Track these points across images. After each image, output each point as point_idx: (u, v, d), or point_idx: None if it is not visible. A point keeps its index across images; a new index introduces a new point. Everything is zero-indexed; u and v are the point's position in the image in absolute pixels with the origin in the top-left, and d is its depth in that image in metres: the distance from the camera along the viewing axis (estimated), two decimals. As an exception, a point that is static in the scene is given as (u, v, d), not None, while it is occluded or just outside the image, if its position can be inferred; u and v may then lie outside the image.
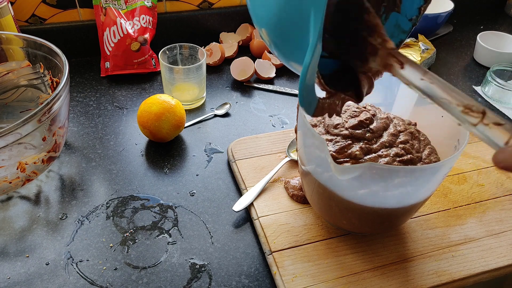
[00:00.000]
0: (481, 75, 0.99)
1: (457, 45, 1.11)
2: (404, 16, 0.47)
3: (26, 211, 0.62)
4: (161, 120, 0.69)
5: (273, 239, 0.58)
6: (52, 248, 0.57)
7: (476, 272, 0.55)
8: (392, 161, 0.53)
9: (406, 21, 0.47)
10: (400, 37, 0.48)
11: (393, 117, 0.61)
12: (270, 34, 0.38)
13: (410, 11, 0.47)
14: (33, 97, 0.74)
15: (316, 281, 0.53)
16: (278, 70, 0.95)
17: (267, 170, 0.68)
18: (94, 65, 0.94)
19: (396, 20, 0.47)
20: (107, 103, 0.84)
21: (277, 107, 0.86)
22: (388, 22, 0.48)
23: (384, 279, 0.54)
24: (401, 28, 0.48)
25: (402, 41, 0.48)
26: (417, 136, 0.58)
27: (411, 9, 0.47)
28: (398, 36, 0.48)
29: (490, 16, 1.26)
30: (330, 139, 0.57)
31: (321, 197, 0.54)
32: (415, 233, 0.60)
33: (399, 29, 0.48)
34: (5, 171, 0.58)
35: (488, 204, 0.65)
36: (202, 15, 1.00)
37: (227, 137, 0.77)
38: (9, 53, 0.71)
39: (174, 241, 0.59)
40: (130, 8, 0.90)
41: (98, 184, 0.67)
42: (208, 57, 0.95)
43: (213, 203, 0.64)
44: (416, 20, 0.47)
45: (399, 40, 0.48)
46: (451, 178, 0.69)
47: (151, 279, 0.54)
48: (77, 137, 0.75)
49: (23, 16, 0.89)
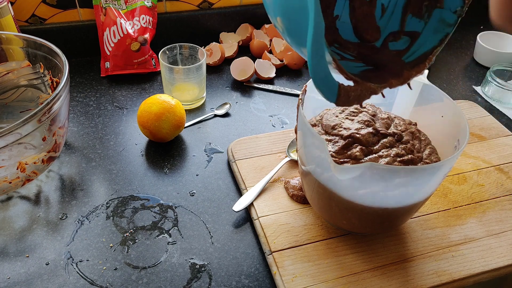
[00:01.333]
0: (481, 75, 0.99)
1: (457, 45, 1.11)
2: (448, 9, 0.45)
3: (26, 211, 0.62)
4: (161, 120, 0.69)
5: (273, 239, 0.58)
6: (52, 248, 0.57)
7: (476, 272, 0.55)
8: (393, 161, 0.53)
9: (450, 14, 0.45)
10: (445, 31, 0.46)
11: (394, 117, 0.61)
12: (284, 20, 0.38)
13: (454, 3, 0.45)
14: (33, 97, 0.74)
15: (316, 281, 0.53)
16: (278, 70, 0.95)
17: (267, 170, 0.68)
18: (94, 65, 0.94)
19: (440, 15, 0.46)
20: (107, 103, 0.84)
21: (277, 107, 0.86)
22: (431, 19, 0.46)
23: (384, 279, 0.54)
24: (445, 22, 0.45)
25: (448, 34, 0.46)
26: (417, 136, 0.58)
27: (455, 1, 0.45)
28: (443, 30, 0.46)
29: (490, 16, 1.26)
30: (329, 139, 0.57)
31: (321, 197, 0.54)
32: (415, 233, 0.60)
33: (444, 23, 0.46)
34: (5, 171, 0.58)
35: (488, 204, 0.65)
36: (202, 15, 1.00)
37: (227, 137, 0.77)
38: (9, 53, 0.71)
39: (174, 241, 0.59)
40: (130, 8, 0.90)
41: (98, 184, 0.67)
42: (208, 57, 0.95)
43: (213, 203, 0.64)
44: (461, 12, 0.45)
45: (444, 34, 0.46)
46: (451, 178, 0.69)
47: (151, 279, 0.54)
48: (77, 137, 0.75)
49: (23, 16, 0.89)
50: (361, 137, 0.55)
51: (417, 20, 0.47)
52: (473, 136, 0.78)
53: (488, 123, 0.81)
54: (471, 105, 0.86)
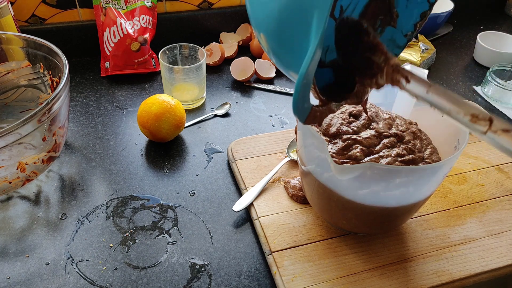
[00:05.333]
0: (481, 75, 0.99)
1: (457, 45, 1.11)
2: (399, 31, 0.47)
3: (26, 211, 0.62)
4: (161, 120, 0.69)
5: (273, 239, 0.58)
6: (52, 248, 0.57)
7: (476, 272, 0.55)
8: (394, 162, 0.53)
9: (401, 37, 0.47)
10: (394, 51, 0.48)
11: (395, 116, 0.61)
12: (269, 40, 0.38)
13: (406, 27, 0.47)
14: (33, 97, 0.74)
15: (316, 281, 0.53)
16: (278, 70, 0.95)
17: (267, 170, 0.68)
18: (94, 65, 0.94)
19: (391, 34, 0.47)
20: (107, 103, 0.84)
21: (277, 107, 0.86)
22: (383, 35, 0.47)
23: (384, 279, 0.54)
24: (396, 43, 0.48)
25: (396, 55, 0.48)
26: (419, 136, 0.58)
27: (407, 25, 0.47)
28: (392, 50, 0.48)
29: (490, 16, 1.26)
30: (329, 140, 0.57)
31: (321, 197, 0.54)
32: (415, 233, 0.60)
33: (394, 44, 0.48)
34: (5, 171, 0.58)
35: (488, 204, 0.65)
36: (202, 15, 1.00)
37: (227, 137, 0.77)
38: (9, 53, 0.71)
39: (174, 241, 0.59)
40: (130, 8, 0.90)
41: (98, 184, 0.67)
42: (208, 57, 0.95)
43: (213, 203, 0.64)
44: (411, 36, 0.47)
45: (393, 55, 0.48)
46: (451, 178, 0.69)
47: (151, 279, 0.54)
48: (77, 137, 0.75)
49: (23, 16, 0.89)
50: (363, 140, 0.55)
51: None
52: (473, 136, 0.78)
53: (488, 123, 0.81)
54: (471, 105, 0.86)
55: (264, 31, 0.37)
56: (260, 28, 0.38)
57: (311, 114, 0.38)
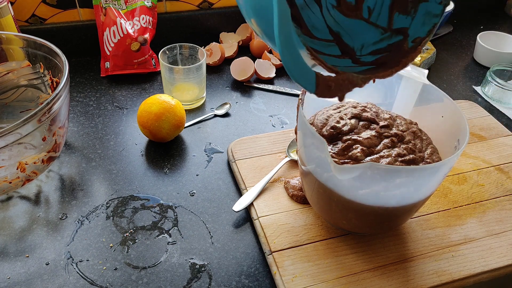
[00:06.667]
0: (481, 75, 0.99)
1: (457, 45, 1.11)
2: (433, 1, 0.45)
3: (26, 211, 0.62)
4: (161, 120, 0.69)
5: (273, 239, 0.58)
6: (52, 248, 0.57)
7: (476, 272, 0.55)
8: (394, 161, 0.53)
9: (436, 5, 0.45)
10: (432, 21, 0.46)
11: (396, 116, 0.61)
12: (258, 21, 0.37)
13: None
14: (33, 97, 0.74)
15: (316, 281, 0.53)
16: (278, 70, 0.95)
17: (267, 170, 0.68)
18: (94, 65, 0.94)
19: (425, 8, 0.46)
20: (107, 103, 0.84)
21: (277, 107, 0.86)
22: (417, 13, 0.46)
23: (384, 279, 0.54)
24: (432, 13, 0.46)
25: (435, 24, 0.46)
26: (419, 136, 0.58)
27: None
28: (430, 22, 0.46)
29: (490, 16, 1.26)
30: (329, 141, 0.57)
31: (321, 197, 0.54)
32: (415, 233, 0.60)
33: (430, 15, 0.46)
34: (5, 171, 0.58)
35: (488, 204, 0.65)
36: (202, 15, 1.00)
37: (227, 137, 0.77)
38: (9, 53, 0.71)
39: (174, 241, 0.59)
40: (130, 8, 0.90)
41: (98, 184, 0.67)
42: (208, 57, 0.95)
43: (213, 203, 0.64)
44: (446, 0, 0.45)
45: (432, 25, 0.46)
46: (451, 178, 0.69)
47: (151, 279, 0.54)
48: (77, 137, 0.75)
49: (23, 16, 0.89)
50: (363, 140, 0.55)
51: (404, 17, 0.47)
52: (473, 136, 0.78)
53: (488, 123, 0.81)
54: (471, 105, 0.86)
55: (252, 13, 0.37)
56: (249, 13, 0.38)
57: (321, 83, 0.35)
